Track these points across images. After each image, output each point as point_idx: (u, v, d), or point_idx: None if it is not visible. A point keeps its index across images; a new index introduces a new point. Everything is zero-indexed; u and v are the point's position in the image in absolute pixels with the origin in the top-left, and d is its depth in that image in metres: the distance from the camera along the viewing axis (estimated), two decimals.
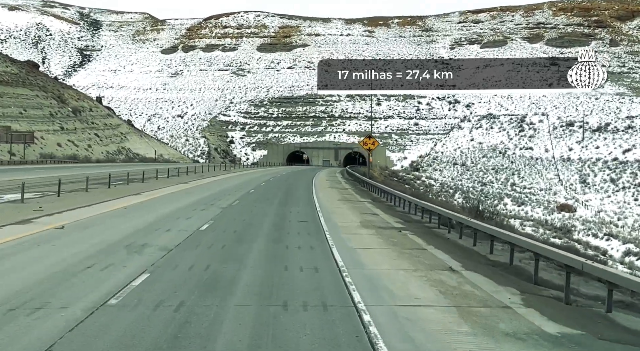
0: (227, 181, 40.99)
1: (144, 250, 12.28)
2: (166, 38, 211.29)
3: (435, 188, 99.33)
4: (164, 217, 18.61)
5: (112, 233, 14.39)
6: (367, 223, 19.33)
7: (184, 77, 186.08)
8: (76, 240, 13.13)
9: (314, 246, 13.92)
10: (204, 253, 12.27)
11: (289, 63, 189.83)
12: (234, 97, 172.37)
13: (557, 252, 10.13)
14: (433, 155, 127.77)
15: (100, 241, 13.10)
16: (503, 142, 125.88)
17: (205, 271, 10.34)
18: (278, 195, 30.74)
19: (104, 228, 15.58)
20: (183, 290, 8.83)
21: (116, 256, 11.41)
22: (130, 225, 16.29)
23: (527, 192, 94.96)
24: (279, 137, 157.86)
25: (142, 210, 20.33)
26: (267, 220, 18.93)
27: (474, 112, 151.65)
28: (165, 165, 60.31)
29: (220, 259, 11.62)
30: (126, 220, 17.38)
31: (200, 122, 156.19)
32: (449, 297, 9.05)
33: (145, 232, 15.07)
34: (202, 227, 16.42)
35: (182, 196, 27.24)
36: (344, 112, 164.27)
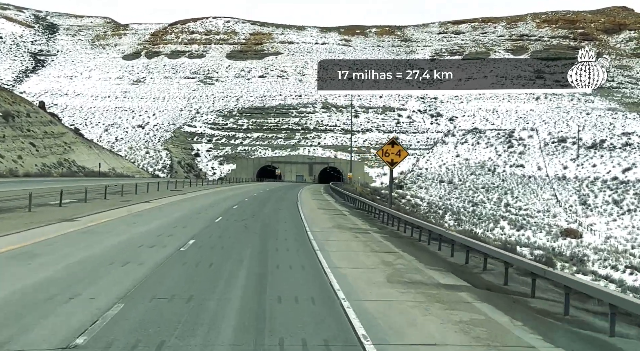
0: (155, 215, 24.93)
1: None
2: (128, 43, 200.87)
3: (422, 208, 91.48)
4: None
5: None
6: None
7: (146, 84, 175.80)
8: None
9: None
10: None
11: (260, 71, 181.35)
12: (201, 106, 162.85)
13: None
14: (417, 171, 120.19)
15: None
16: (491, 159, 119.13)
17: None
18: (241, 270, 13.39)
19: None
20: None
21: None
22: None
23: (524, 213, 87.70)
24: (248, 150, 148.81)
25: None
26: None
27: (458, 126, 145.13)
28: (109, 181, 50.85)
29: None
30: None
31: (163, 133, 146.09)
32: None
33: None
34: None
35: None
36: (319, 124, 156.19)
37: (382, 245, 19.58)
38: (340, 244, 18.55)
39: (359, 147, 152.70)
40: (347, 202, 45.66)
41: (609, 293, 9.31)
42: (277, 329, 8.07)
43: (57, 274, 11.09)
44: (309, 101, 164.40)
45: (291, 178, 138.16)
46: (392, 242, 20.53)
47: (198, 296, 9.83)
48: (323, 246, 17.37)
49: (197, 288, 10.48)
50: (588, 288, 9.72)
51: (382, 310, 9.55)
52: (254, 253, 15.35)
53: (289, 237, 19.57)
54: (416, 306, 9.96)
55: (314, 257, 15.13)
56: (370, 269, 13.92)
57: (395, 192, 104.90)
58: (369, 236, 22.34)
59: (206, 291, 10.29)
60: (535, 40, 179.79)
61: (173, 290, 10.28)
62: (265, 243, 17.62)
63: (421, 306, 9.97)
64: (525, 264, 12.29)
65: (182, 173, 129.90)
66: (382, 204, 47.77)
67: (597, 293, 9.52)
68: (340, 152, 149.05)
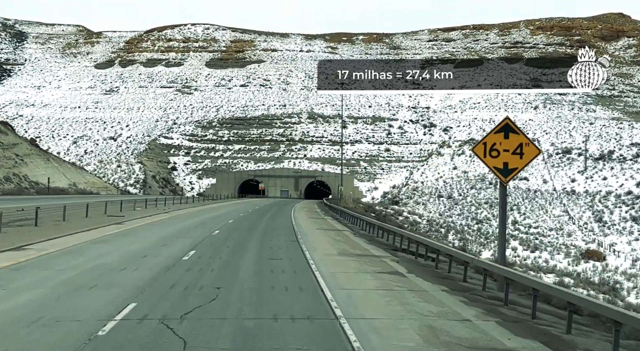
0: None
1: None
2: (102, 51, 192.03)
3: (422, 226, 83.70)
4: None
5: None
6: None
7: (120, 94, 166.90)
8: None
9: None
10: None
11: (242, 80, 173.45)
12: (178, 117, 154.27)
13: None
14: (412, 185, 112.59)
15: None
16: (491, 171, 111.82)
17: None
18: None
19: None
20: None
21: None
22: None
23: (535, 232, 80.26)
24: (229, 163, 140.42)
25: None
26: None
27: (453, 136, 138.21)
28: (55, 200, 42.30)
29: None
30: None
31: (137, 146, 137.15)
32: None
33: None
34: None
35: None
36: (305, 136, 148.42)
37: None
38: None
39: (347, 159, 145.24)
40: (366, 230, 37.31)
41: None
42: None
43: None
44: (294, 111, 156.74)
45: (275, 193, 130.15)
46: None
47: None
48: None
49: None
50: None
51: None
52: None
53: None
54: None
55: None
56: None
57: (389, 208, 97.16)
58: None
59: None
60: (530, 47, 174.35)
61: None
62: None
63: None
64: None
65: (157, 188, 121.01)
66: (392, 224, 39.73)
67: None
68: (328, 165, 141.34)
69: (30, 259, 16.60)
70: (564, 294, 11.48)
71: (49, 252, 18.19)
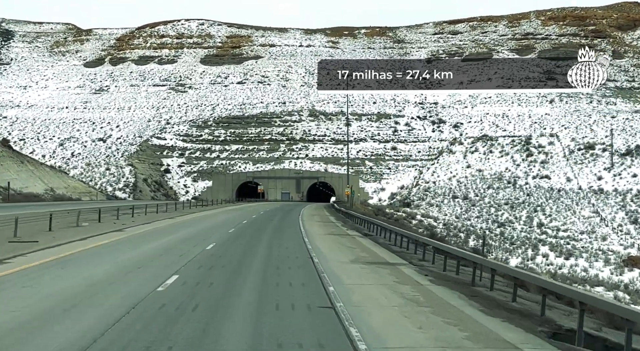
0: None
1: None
2: (91, 49, 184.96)
3: (439, 231, 76.48)
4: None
5: None
6: None
7: (110, 93, 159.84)
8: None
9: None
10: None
11: (238, 77, 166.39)
12: (172, 116, 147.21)
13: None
14: (423, 185, 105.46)
15: None
16: (509, 169, 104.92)
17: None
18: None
19: None
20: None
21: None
22: None
23: (564, 236, 73.16)
24: (226, 165, 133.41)
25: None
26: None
27: (464, 133, 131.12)
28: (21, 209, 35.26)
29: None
30: None
31: (128, 147, 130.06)
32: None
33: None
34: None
35: None
36: (306, 134, 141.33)
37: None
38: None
39: (352, 159, 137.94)
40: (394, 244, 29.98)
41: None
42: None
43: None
44: (294, 109, 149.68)
45: (276, 196, 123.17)
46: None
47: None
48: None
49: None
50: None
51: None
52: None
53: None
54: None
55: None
56: None
57: (401, 210, 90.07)
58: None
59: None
60: (541, 39, 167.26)
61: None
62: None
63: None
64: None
65: (149, 192, 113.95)
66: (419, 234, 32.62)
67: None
68: (331, 165, 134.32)
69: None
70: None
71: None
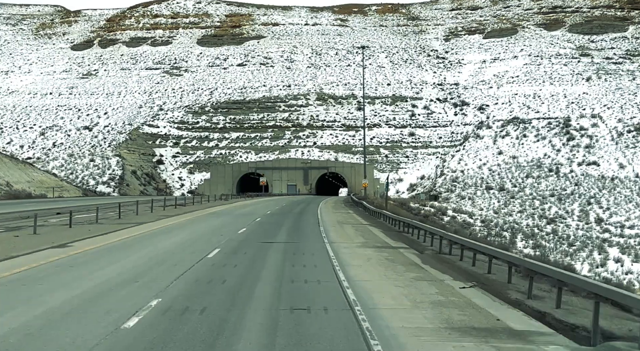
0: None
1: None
2: (79, 31, 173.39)
3: (477, 229, 64.75)
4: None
5: None
6: None
7: (98, 78, 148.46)
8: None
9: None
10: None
11: (239, 59, 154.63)
12: (166, 102, 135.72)
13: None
14: (450, 175, 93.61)
15: None
16: (548, 155, 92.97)
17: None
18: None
19: None
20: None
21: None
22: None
23: (632, 233, 61.29)
24: (226, 155, 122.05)
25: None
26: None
27: (492, 115, 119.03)
28: None
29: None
30: None
31: (116, 136, 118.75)
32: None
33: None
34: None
35: None
36: (313, 120, 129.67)
37: None
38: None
39: (365, 146, 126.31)
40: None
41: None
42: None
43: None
44: (300, 92, 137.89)
45: (281, 188, 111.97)
46: None
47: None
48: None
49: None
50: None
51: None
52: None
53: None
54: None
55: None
56: None
57: (429, 205, 78.38)
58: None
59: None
60: (571, 12, 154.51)
61: None
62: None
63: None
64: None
65: (138, 186, 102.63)
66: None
67: None
68: (342, 153, 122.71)
69: None
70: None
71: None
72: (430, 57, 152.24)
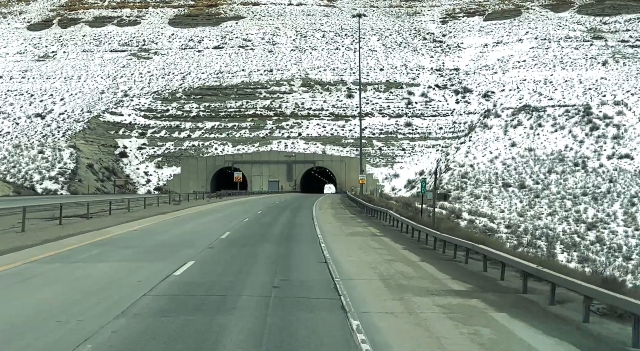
0: None
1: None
2: (38, 10, 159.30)
3: (502, 236, 53.18)
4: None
5: None
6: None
7: (56, 60, 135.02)
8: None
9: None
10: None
11: (215, 41, 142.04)
12: (132, 87, 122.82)
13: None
14: (457, 170, 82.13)
15: None
16: (570, 147, 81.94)
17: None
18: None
19: None
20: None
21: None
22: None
23: None
24: (199, 147, 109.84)
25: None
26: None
27: (499, 103, 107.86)
28: None
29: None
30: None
31: (72, 125, 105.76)
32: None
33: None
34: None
35: None
36: (298, 108, 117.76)
37: None
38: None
39: (356, 138, 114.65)
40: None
41: None
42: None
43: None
44: (284, 77, 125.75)
45: (262, 185, 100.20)
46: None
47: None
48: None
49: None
50: None
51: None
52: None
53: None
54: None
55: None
56: None
57: (438, 205, 66.87)
58: None
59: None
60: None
61: None
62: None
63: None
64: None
65: (94, 182, 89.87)
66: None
67: None
68: (330, 146, 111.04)
69: None
70: None
71: None
72: (427, 41, 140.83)
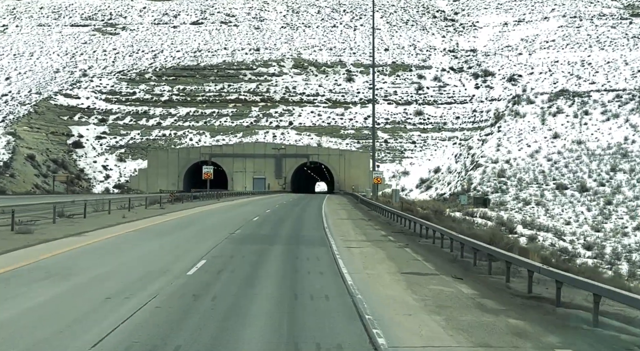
0: None
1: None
2: None
3: (585, 261, 37.48)
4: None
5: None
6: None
7: (7, 35, 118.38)
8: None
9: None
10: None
11: (193, 16, 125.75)
12: (92, 66, 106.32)
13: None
14: (490, 167, 66.52)
15: None
16: (632, 140, 66.69)
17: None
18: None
19: None
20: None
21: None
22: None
23: None
24: (171, 137, 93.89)
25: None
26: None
27: (529, 87, 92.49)
28: None
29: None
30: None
31: (16, 108, 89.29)
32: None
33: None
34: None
35: None
36: (289, 93, 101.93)
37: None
38: None
39: (357, 128, 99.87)
40: None
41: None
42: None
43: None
44: (273, 58, 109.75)
45: (245, 183, 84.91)
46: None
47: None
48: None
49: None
50: None
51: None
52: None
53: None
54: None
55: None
56: None
57: (479, 213, 51.33)
58: None
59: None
60: None
61: None
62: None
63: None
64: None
65: (34, 177, 73.34)
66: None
67: None
68: (327, 137, 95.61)
69: None
70: None
71: None
72: (437, 19, 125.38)
